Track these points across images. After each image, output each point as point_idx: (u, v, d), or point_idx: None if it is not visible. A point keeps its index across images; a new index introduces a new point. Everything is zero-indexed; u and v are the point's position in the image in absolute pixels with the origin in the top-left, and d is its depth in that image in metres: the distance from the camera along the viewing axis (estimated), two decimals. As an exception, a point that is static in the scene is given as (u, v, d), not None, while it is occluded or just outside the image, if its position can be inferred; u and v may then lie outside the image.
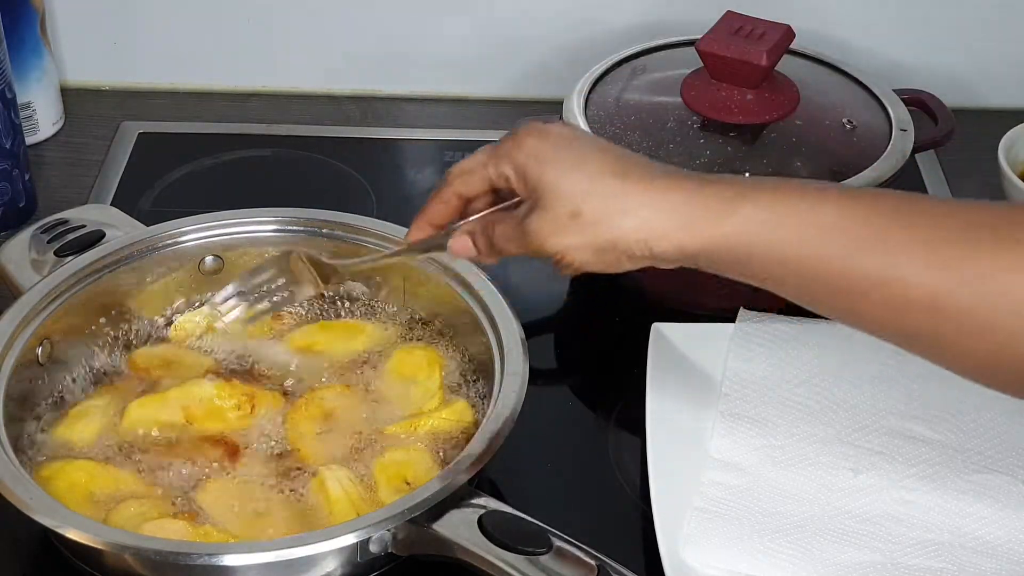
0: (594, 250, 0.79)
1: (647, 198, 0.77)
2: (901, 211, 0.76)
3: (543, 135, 0.81)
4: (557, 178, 0.79)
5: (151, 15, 1.38)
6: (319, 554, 0.84)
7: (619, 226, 0.77)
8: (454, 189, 0.86)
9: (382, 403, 0.99)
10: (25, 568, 0.94)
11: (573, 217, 0.78)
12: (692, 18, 1.20)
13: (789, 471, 0.96)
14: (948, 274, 0.73)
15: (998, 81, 1.38)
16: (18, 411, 0.96)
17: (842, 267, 0.75)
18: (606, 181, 0.78)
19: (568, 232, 0.79)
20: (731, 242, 0.76)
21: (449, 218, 0.87)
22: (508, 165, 0.82)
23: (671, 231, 0.77)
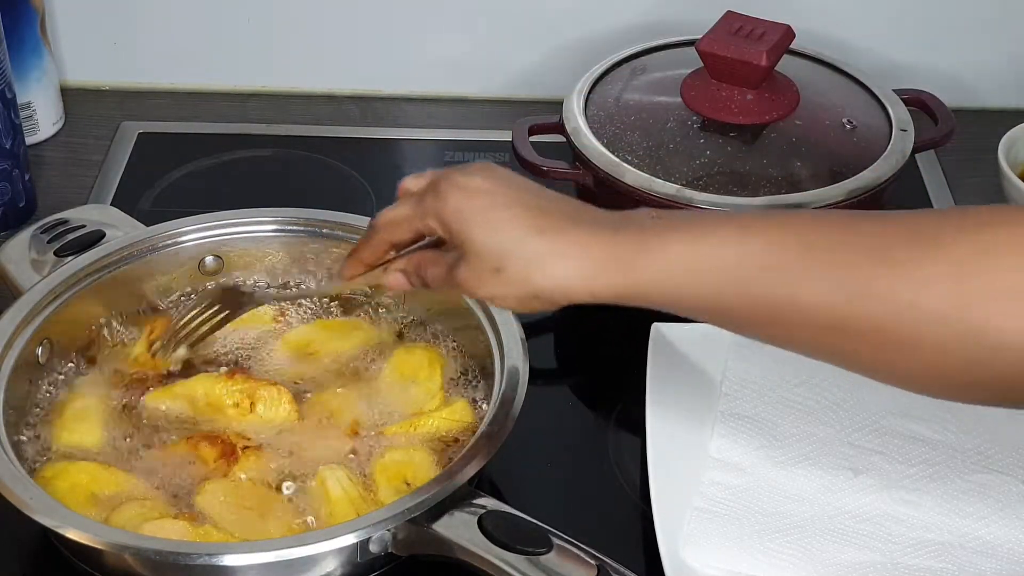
0: (519, 300, 0.83)
1: (563, 252, 0.81)
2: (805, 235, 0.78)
3: (465, 193, 0.84)
4: (479, 238, 0.82)
5: (151, 15, 1.38)
6: (319, 554, 0.84)
7: (538, 281, 0.81)
8: (382, 237, 0.89)
9: (382, 403, 0.99)
10: (25, 568, 0.94)
11: (496, 272, 0.82)
12: (692, 18, 1.20)
13: (789, 471, 0.96)
14: (847, 294, 0.75)
15: (998, 81, 1.38)
16: (18, 411, 0.96)
17: (752, 301, 0.78)
18: (525, 241, 0.81)
19: (493, 285, 0.82)
20: (638, 290, 0.80)
21: (379, 259, 0.90)
22: (433, 220, 0.85)
23: (585, 281, 0.81)
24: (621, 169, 1.08)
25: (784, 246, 0.77)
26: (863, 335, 0.75)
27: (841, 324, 0.75)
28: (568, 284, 0.81)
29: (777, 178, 1.08)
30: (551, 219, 0.82)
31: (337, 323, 1.06)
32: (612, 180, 1.08)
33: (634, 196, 1.07)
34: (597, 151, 1.10)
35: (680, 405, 1.00)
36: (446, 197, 0.84)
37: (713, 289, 0.79)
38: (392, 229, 0.88)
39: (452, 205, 0.83)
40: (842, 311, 0.75)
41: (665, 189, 1.06)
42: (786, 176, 1.08)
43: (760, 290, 0.77)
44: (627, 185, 1.07)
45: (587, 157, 1.10)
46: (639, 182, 1.07)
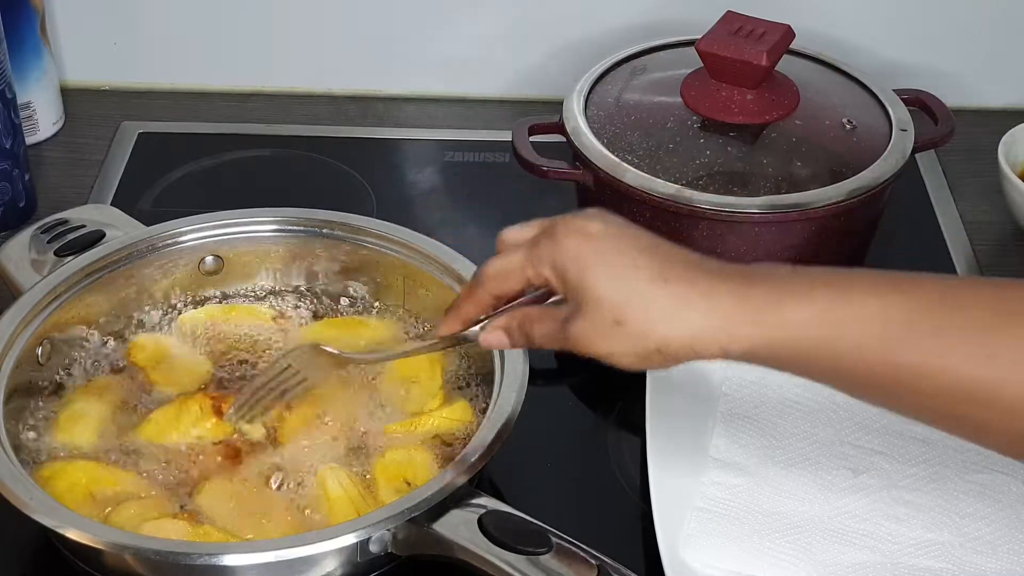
0: (639, 356, 0.78)
1: (690, 303, 0.76)
2: (947, 296, 0.74)
3: (584, 237, 0.79)
4: (599, 285, 0.77)
5: (151, 15, 1.38)
6: (319, 554, 0.84)
7: (663, 334, 0.76)
8: (488, 290, 0.84)
9: (382, 402, 0.99)
10: (25, 568, 0.94)
11: (616, 325, 0.77)
12: (692, 18, 1.20)
13: (789, 471, 0.96)
14: (994, 366, 0.72)
15: (998, 81, 1.38)
16: (18, 411, 0.96)
17: (886, 361, 0.74)
18: (648, 289, 0.76)
19: (612, 339, 0.78)
20: (775, 346, 0.75)
21: (481, 315, 0.86)
22: (548, 268, 0.80)
23: (715, 335, 0.76)
24: (621, 169, 1.08)
25: (931, 312, 0.73)
26: (1001, 405, 0.72)
27: (984, 395, 0.72)
28: (696, 338, 0.76)
29: (777, 178, 1.08)
30: (677, 268, 0.77)
31: (344, 321, 1.06)
32: (612, 180, 1.08)
33: (634, 196, 1.07)
34: (597, 151, 1.10)
35: (680, 405, 1.00)
36: (564, 242, 0.79)
37: (854, 351, 0.74)
38: (501, 281, 0.83)
39: (571, 251, 0.78)
40: (984, 384, 0.72)
41: (665, 189, 1.06)
42: (786, 176, 1.08)
43: (901, 357, 0.73)
44: (627, 185, 1.07)
45: (587, 157, 1.10)
46: (639, 182, 1.07)
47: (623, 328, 0.77)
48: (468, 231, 1.22)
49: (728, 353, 0.76)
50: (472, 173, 1.31)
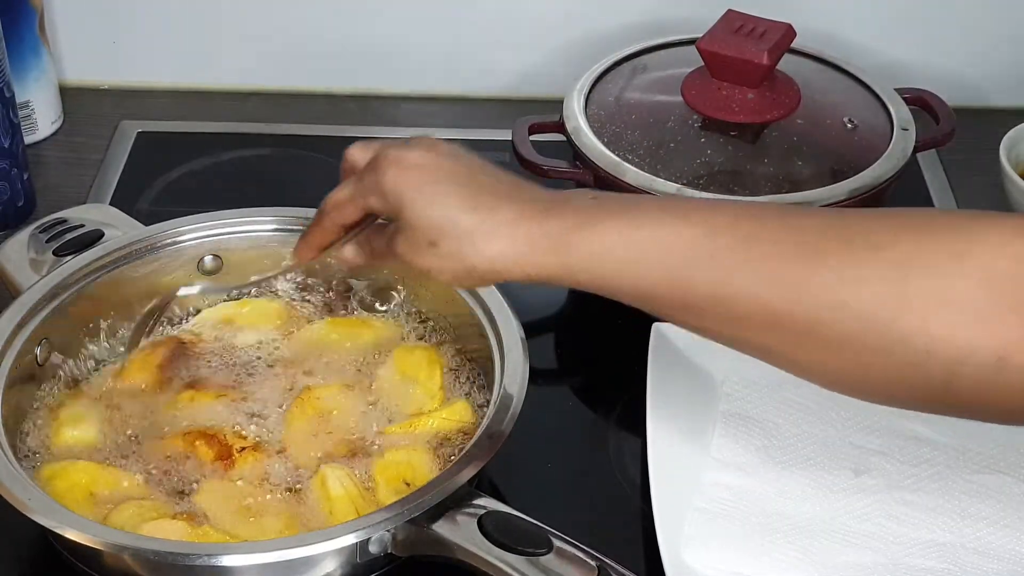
0: (454, 274, 0.83)
1: (493, 232, 0.81)
2: (742, 229, 0.77)
3: (402, 168, 0.84)
4: (414, 212, 0.83)
5: (151, 14, 1.38)
6: (318, 555, 0.84)
7: (470, 258, 0.82)
8: (331, 219, 0.89)
9: (382, 403, 0.99)
10: (24, 569, 0.94)
11: (431, 246, 0.82)
12: (693, 17, 1.20)
13: (790, 471, 0.96)
14: (780, 290, 0.74)
15: (1000, 80, 1.38)
16: (17, 411, 0.96)
17: (683, 290, 0.78)
18: (458, 218, 0.82)
19: (429, 257, 0.83)
20: (570, 272, 0.80)
21: (331, 241, 0.90)
22: (374, 198, 0.85)
23: (516, 261, 0.81)
24: (622, 168, 1.08)
25: (721, 236, 0.77)
26: (794, 333, 0.75)
27: (773, 320, 0.75)
28: (500, 263, 0.81)
29: (778, 177, 1.08)
30: (485, 197, 0.82)
31: (348, 321, 1.06)
32: (613, 179, 1.08)
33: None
34: (597, 150, 1.10)
35: (680, 405, 0.99)
36: (384, 172, 0.84)
37: (646, 276, 0.78)
38: (340, 211, 0.88)
39: (390, 179, 0.84)
40: (775, 307, 0.74)
41: (666, 188, 1.06)
42: (787, 175, 1.08)
43: (693, 280, 0.77)
44: (628, 184, 1.07)
45: (587, 156, 1.10)
46: (640, 181, 1.07)
47: (437, 249, 0.82)
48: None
49: (531, 277, 0.81)
50: (472, 173, 1.31)
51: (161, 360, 1.01)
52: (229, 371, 1.01)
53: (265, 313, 1.06)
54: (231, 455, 0.94)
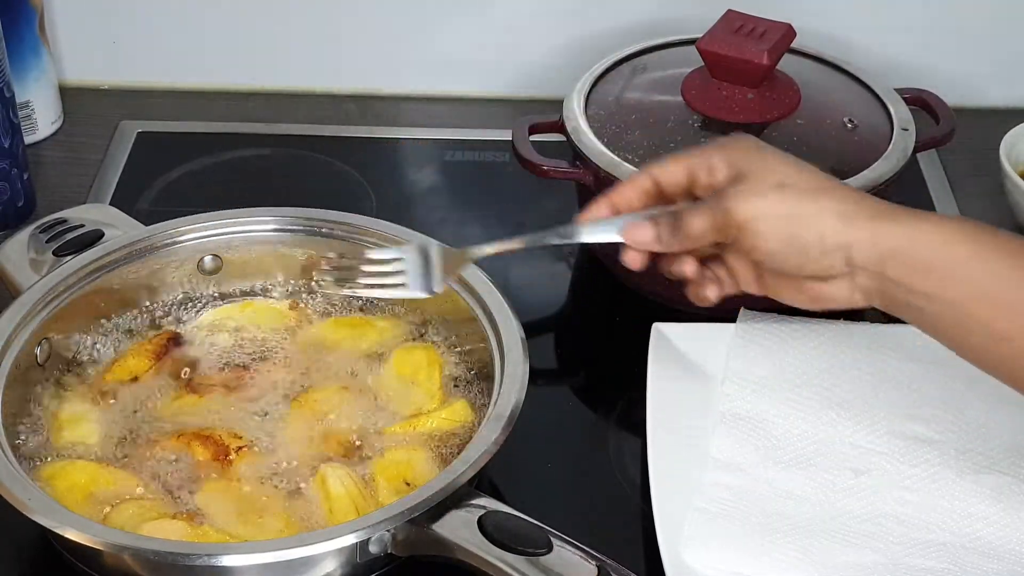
0: (788, 219, 0.81)
1: (850, 194, 0.81)
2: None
3: (747, 139, 0.86)
4: (768, 160, 0.83)
5: (151, 14, 1.38)
6: (318, 555, 0.84)
7: (825, 202, 0.81)
8: (649, 171, 0.87)
9: (382, 403, 0.99)
10: (24, 569, 0.94)
11: (779, 187, 0.81)
12: (693, 17, 1.20)
13: (790, 471, 0.96)
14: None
15: (1000, 80, 1.38)
16: (17, 411, 0.96)
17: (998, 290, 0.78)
18: (813, 175, 0.82)
19: (770, 197, 0.82)
20: (919, 248, 0.80)
21: (633, 203, 0.87)
22: (717, 155, 0.84)
23: (870, 220, 0.80)
24: (622, 168, 1.08)
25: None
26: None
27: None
28: (852, 218, 0.80)
29: (778, 177, 1.08)
30: (834, 178, 0.84)
31: (351, 321, 1.06)
32: (613, 179, 1.08)
33: (634, 195, 1.07)
34: (597, 150, 1.10)
35: (680, 405, 0.99)
36: (737, 141, 0.85)
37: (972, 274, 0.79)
38: (664, 166, 0.86)
39: (741, 143, 0.85)
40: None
41: (666, 188, 1.06)
42: (787, 175, 1.08)
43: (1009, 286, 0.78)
44: (627, 184, 1.07)
45: (587, 156, 1.10)
46: (639, 181, 1.07)
47: (785, 189, 0.81)
48: (468, 230, 1.22)
49: (877, 240, 0.80)
50: (472, 172, 1.31)
51: (157, 350, 1.01)
52: (229, 370, 1.01)
53: (266, 315, 1.06)
54: (228, 455, 0.94)
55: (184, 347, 1.03)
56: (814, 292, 0.85)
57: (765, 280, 0.87)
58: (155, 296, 1.06)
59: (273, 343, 1.04)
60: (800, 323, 1.03)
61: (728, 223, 0.83)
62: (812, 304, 0.86)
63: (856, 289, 0.83)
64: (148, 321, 1.05)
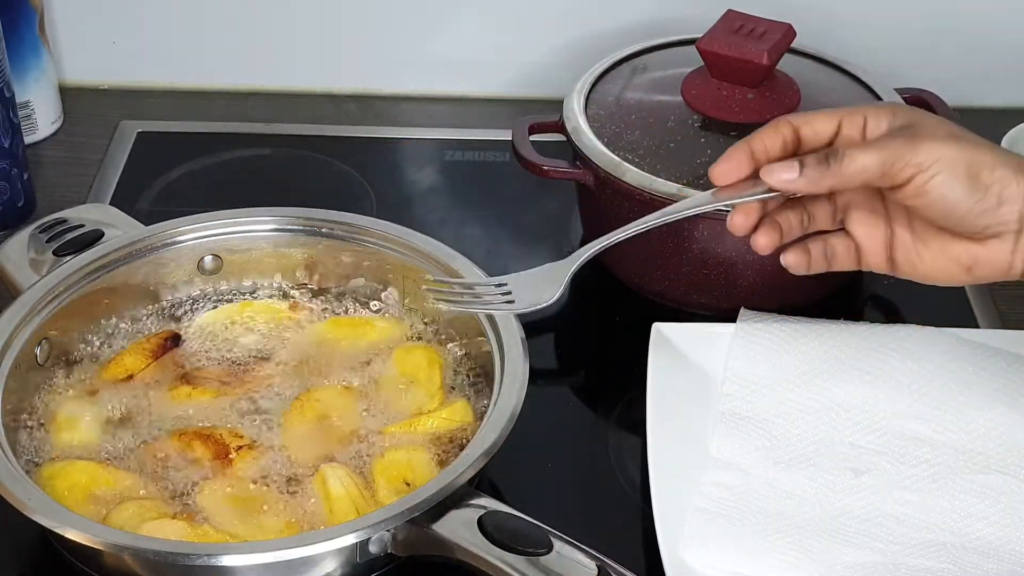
0: (969, 164, 0.79)
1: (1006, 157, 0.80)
2: None
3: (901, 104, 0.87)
4: (930, 118, 0.81)
5: (151, 14, 1.38)
6: (318, 555, 0.84)
7: (999, 155, 0.79)
8: (793, 118, 0.84)
9: (382, 403, 0.99)
10: (24, 569, 0.94)
11: (954, 137, 0.80)
12: (693, 17, 1.20)
13: (790, 471, 0.96)
14: None
15: (1000, 80, 1.38)
16: (17, 411, 0.96)
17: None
18: (978, 137, 0.81)
19: (948, 144, 0.80)
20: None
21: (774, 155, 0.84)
22: (872, 107, 0.83)
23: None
24: (622, 168, 1.08)
25: None
26: None
27: None
28: (1018, 171, 0.79)
29: (778, 177, 1.08)
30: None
31: (351, 321, 1.06)
32: (612, 179, 1.08)
33: (635, 195, 1.07)
34: (597, 150, 1.10)
35: (680, 405, 0.99)
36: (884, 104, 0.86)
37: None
38: (811, 115, 0.84)
39: (898, 104, 0.87)
40: None
41: (666, 188, 1.06)
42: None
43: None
44: (628, 184, 1.07)
45: (587, 156, 1.10)
46: (640, 181, 1.07)
47: (961, 140, 0.79)
48: (468, 230, 1.22)
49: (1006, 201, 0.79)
50: (472, 172, 1.31)
51: (154, 349, 1.01)
52: (229, 370, 1.01)
53: (266, 315, 1.06)
54: (228, 454, 0.94)
55: (183, 346, 1.03)
56: (969, 256, 0.83)
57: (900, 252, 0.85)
58: (155, 296, 1.06)
59: (273, 343, 1.04)
60: (800, 323, 1.03)
61: (905, 163, 0.80)
62: (964, 274, 0.84)
63: (1019, 252, 0.81)
64: (148, 321, 1.05)
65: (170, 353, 1.02)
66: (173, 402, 0.99)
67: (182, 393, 0.99)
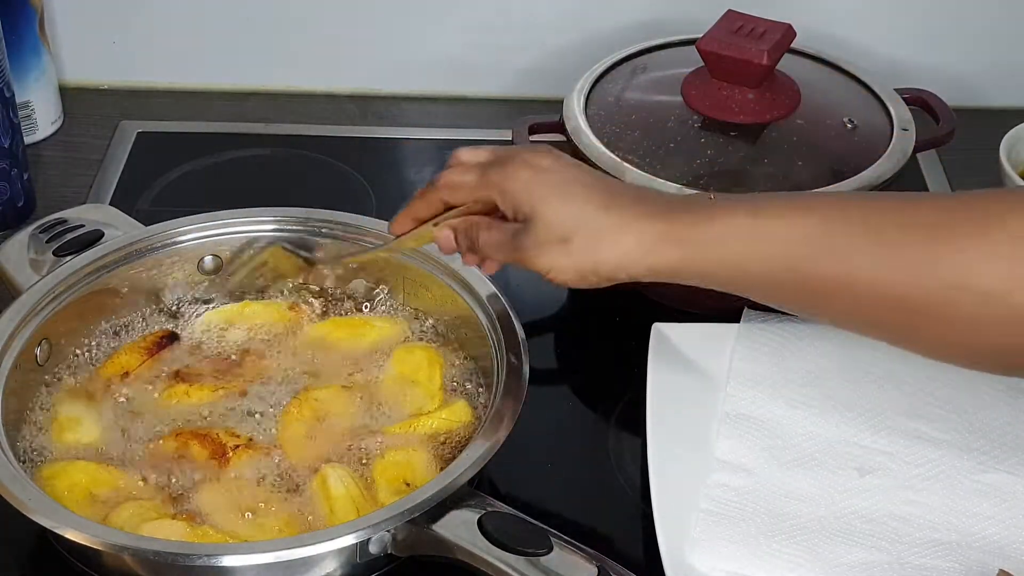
0: (577, 272, 0.87)
1: (624, 227, 0.85)
2: (858, 213, 0.82)
3: (534, 170, 0.88)
4: (549, 210, 0.86)
5: (150, 15, 1.37)
6: (318, 555, 0.84)
7: (601, 254, 0.86)
8: (440, 196, 0.92)
9: (382, 403, 0.99)
10: (24, 569, 0.94)
11: (563, 243, 0.86)
12: (693, 17, 1.19)
13: (795, 472, 0.96)
14: (905, 271, 0.78)
15: (1000, 80, 1.38)
16: (17, 411, 0.96)
17: (805, 276, 0.82)
18: (592, 215, 0.86)
19: (556, 255, 0.86)
20: (695, 263, 0.85)
21: (431, 216, 0.93)
22: (497, 193, 0.89)
23: (643, 255, 0.85)
24: (621, 168, 1.08)
25: (846, 224, 0.81)
26: (918, 314, 0.79)
27: (898, 304, 0.79)
28: (629, 257, 0.85)
29: (778, 177, 1.08)
30: (618, 198, 0.87)
31: (350, 321, 1.06)
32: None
33: (635, 195, 1.07)
34: (597, 150, 1.10)
35: (680, 405, 0.99)
36: (515, 173, 0.88)
37: (771, 264, 0.82)
38: (451, 192, 0.91)
39: (522, 180, 0.87)
40: (900, 291, 0.78)
41: (666, 188, 1.06)
42: (787, 176, 1.08)
43: (822, 267, 0.81)
44: (628, 184, 1.07)
45: (587, 156, 1.10)
46: (640, 181, 1.07)
47: (568, 246, 0.86)
48: (468, 231, 1.21)
49: (655, 271, 0.85)
50: (472, 172, 1.31)
51: (150, 347, 1.01)
52: (227, 369, 1.01)
53: (266, 315, 1.06)
54: (225, 453, 0.94)
55: (183, 344, 1.03)
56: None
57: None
58: (155, 296, 1.06)
59: (273, 343, 1.04)
60: (804, 323, 1.03)
61: (526, 267, 0.88)
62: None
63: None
64: (148, 321, 1.05)
65: (167, 350, 1.02)
66: (171, 401, 0.98)
67: (179, 391, 0.99)
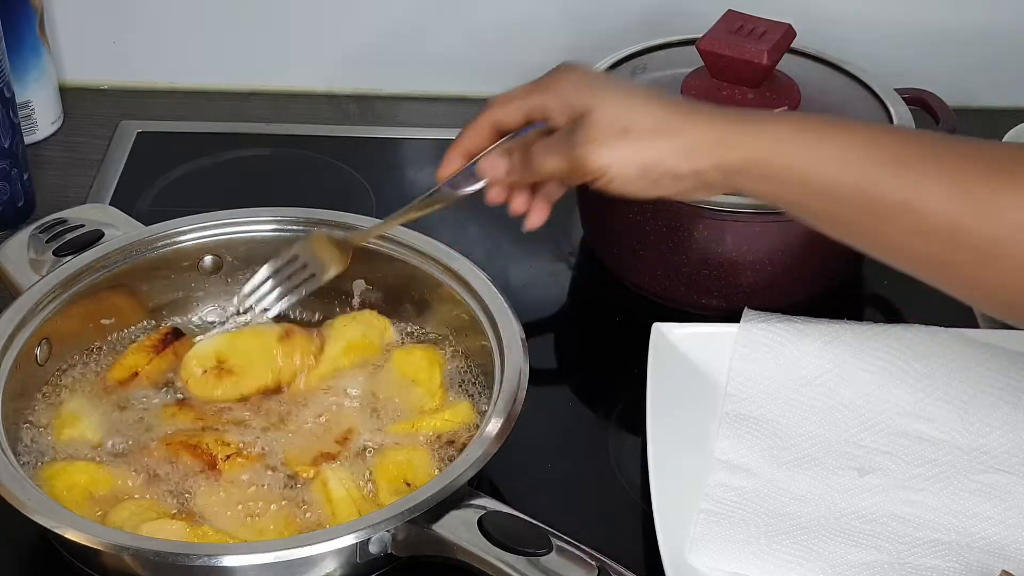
0: (639, 166, 0.84)
1: (690, 116, 0.83)
2: (928, 144, 0.80)
3: (585, 70, 0.87)
4: (607, 99, 0.84)
5: (151, 14, 1.38)
6: (319, 555, 0.84)
7: (667, 143, 0.83)
8: (490, 115, 0.90)
9: (382, 403, 0.99)
10: (23, 569, 0.94)
11: (623, 133, 0.83)
12: (693, 17, 1.19)
13: (795, 472, 0.96)
14: (969, 205, 0.76)
15: (1000, 80, 1.38)
16: (17, 411, 0.96)
17: (869, 192, 0.79)
18: (653, 107, 0.83)
19: (617, 146, 0.83)
20: (767, 158, 0.81)
21: (482, 147, 0.91)
22: (552, 96, 0.86)
23: (712, 146, 0.82)
24: (621, 168, 1.08)
25: (911, 150, 0.79)
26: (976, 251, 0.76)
27: (956, 237, 0.76)
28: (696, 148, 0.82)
29: (778, 177, 1.08)
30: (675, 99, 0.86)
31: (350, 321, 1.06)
32: (612, 179, 1.08)
33: (635, 195, 1.07)
34: (597, 150, 1.10)
35: (680, 405, 0.99)
36: (566, 75, 0.86)
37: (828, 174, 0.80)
38: (503, 106, 0.89)
39: (572, 79, 0.86)
40: (962, 223, 0.76)
41: (666, 188, 1.06)
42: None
43: (880, 182, 0.78)
44: (628, 184, 1.07)
45: (587, 156, 1.10)
46: (640, 181, 1.07)
47: (629, 135, 0.83)
48: (468, 231, 1.22)
49: (723, 165, 0.82)
50: (472, 172, 1.31)
51: (155, 345, 1.01)
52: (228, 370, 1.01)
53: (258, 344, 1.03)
54: (216, 465, 0.94)
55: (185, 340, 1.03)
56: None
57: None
58: (155, 296, 1.06)
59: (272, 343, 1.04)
60: (804, 323, 1.03)
61: (583, 169, 0.85)
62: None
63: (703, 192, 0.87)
64: (148, 321, 1.05)
65: (171, 346, 1.02)
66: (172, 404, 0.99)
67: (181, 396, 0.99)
